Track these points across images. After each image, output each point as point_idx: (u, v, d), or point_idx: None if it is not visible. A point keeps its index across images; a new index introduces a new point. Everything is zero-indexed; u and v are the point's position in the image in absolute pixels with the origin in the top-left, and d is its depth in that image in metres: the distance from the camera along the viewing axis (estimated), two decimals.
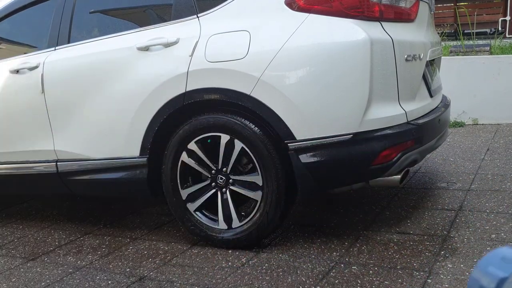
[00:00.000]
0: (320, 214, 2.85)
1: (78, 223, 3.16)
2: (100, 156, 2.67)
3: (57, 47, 2.83)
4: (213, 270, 2.26)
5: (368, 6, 2.17)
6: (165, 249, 2.58)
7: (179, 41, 2.39)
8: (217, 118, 2.35)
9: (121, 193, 2.77)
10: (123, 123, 2.54)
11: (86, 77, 2.64)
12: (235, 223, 2.43)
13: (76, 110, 2.69)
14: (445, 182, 3.19)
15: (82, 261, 2.53)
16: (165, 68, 2.40)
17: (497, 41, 6.02)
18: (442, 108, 2.69)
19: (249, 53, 2.21)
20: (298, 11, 2.20)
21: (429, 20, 2.76)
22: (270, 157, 2.26)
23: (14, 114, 2.94)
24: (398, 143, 2.20)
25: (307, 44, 2.15)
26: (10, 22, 3.17)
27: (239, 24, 2.28)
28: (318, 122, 2.17)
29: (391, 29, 2.23)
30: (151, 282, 2.21)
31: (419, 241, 2.35)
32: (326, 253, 2.32)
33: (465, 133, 4.58)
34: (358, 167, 2.21)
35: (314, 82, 2.15)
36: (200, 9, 2.41)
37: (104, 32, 2.71)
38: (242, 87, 2.23)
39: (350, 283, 2.01)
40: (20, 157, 2.99)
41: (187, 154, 2.46)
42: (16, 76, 2.91)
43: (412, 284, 1.95)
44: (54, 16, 2.88)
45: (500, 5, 11.55)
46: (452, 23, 10.38)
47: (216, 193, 2.46)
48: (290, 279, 2.10)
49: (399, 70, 2.22)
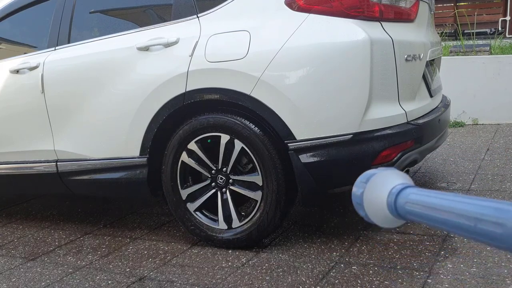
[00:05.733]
0: (320, 214, 2.85)
1: (78, 223, 3.16)
2: (100, 156, 2.67)
3: (57, 47, 2.83)
4: (213, 270, 2.26)
5: (368, 6, 2.17)
6: (165, 249, 2.58)
7: (179, 41, 2.39)
8: (217, 118, 2.35)
9: (121, 193, 2.77)
10: (123, 123, 2.54)
11: (86, 77, 2.64)
12: (235, 223, 2.43)
13: (76, 110, 2.69)
14: (445, 182, 3.19)
15: (82, 261, 2.53)
16: (165, 68, 2.40)
17: (497, 41, 6.02)
18: (442, 108, 2.69)
19: (249, 53, 2.21)
20: (298, 11, 2.20)
21: (429, 20, 2.76)
22: (270, 157, 2.26)
23: (14, 114, 2.94)
24: (398, 143, 2.20)
25: (307, 44, 2.15)
26: (10, 22, 3.17)
27: (239, 24, 2.28)
28: (318, 122, 2.17)
29: (391, 29, 2.23)
30: (151, 282, 2.21)
31: (419, 241, 2.35)
32: (326, 253, 2.32)
33: (465, 133, 4.58)
34: (358, 167, 2.21)
35: (314, 82, 2.15)
36: (200, 9, 2.41)
37: (104, 32, 2.71)
38: (242, 87, 2.23)
39: (350, 283, 2.01)
40: (20, 157, 2.99)
41: (187, 154, 2.46)
42: (16, 76, 2.91)
43: (412, 284, 1.95)
44: (54, 16, 2.88)
45: (500, 5, 11.55)
46: (452, 23, 10.38)
47: (216, 193, 2.46)
48: (290, 279, 2.10)
49: (399, 70, 2.22)
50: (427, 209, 0.38)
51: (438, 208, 0.37)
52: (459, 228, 0.34)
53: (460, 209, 0.34)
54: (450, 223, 0.35)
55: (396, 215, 0.43)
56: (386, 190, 0.44)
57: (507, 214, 0.30)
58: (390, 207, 0.44)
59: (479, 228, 0.32)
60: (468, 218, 0.33)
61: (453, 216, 0.34)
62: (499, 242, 0.30)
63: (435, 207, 0.37)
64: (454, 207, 0.35)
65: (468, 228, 0.33)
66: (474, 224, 0.32)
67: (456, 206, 0.34)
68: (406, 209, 0.41)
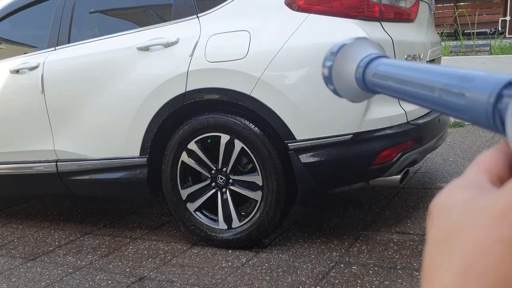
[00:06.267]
0: (320, 214, 2.85)
1: (78, 223, 3.16)
2: (100, 156, 2.67)
3: (57, 47, 2.82)
4: (213, 270, 2.26)
5: (368, 6, 2.17)
6: (165, 249, 2.58)
7: (179, 41, 2.39)
8: (217, 118, 2.35)
9: (121, 193, 2.77)
10: (123, 123, 2.54)
11: (86, 77, 2.64)
12: (235, 223, 2.43)
13: (76, 110, 2.69)
14: (445, 182, 3.19)
15: (82, 261, 2.53)
16: (165, 68, 2.40)
17: (497, 41, 6.02)
18: None
19: (249, 53, 2.21)
20: (298, 11, 2.20)
21: (429, 20, 2.76)
22: (270, 157, 2.26)
23: (14, 114, 2.94)
24: (398, 143, 2.20)
25: (307, 44, 2.15)
26: (10, 22, 3.17)
27: (239, 24, 2.28)
28: (318, 122, 2.17)
29: (391, 29, 2.23)
30: (151, 282, 2.20)
31: (419, 241, 2.35)
32: (326, 253, 2.32)
33: (465, 133, 4.58)
34: (358, 167, 2.21)
35: (314, 82, 2.15)
36: (200, 9, 2.41)
37: (104, 32, 2.71)
38: (242, 87, 2.23)
39: (350, 283, 2.01)
40: (20, 157, 2.98)
41: (187, 154, 2.46)
42: (16, 76, 2.91)
43: (412, 284, 1.95)
44: (54, 16, 2.88)
45: (500, 5, 11.55)
46: (452, 23, 10.38)
47: (216, 193, 2.46)
48: (290, 279, 2.10)
49: None
50: (394, 81, 0.36)
51: (405, 80, 0.34)
52: (426, 101, 0.32)
53: (427, 79, 0.32)
54: (417, 95, 0.33)
55: (364, 88, 0.41)
56: (355, 61, 0.42)
57: (470, 83, 0.27)
58: (358, 80, 0.42)
59: (444, 100, 0.30)
60: (433, 89, 0.31)
61: (420, 87, 0.32)
62: (462, 113, 0.28)
63: (402, 79, 0.35)
64: (421, 77, 0.32)
65: (433, 100, 0.31)
66: (439, 96, 0.30)
67: (423, 77, 0.32)
68: (373, 81, 0.39)
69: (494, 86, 0.25)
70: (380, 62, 0.40)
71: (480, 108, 0.26)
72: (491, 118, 0.26)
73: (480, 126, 0.28)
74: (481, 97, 0.26)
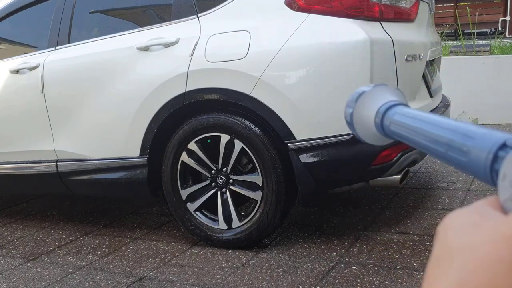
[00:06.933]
0: (320, 214, 2.85)
1: (78, 223, 3.16)
2: (100, 156, 2.67)
3: (57, 47, 2.82)
4: (213, 270, 2.26)
5: (368, 6, 2.17)
6: (165, 249, 2.58)
7: (179, 41, 2.39)
8: (217, 118, 2.35)
9: (121, 193, 2.77)
10: (123, 123, 2.54)
11: (86, 77, 2.64)
12: (235, 223, 2.43)
13: (76, 110, 2.69)
14: (445, 182, 3.19)
15: (82, 261, 2.53)
16: (165, 68, 2.40)
17: (497, 41, 6.02)
18: (442, 108, 2.69)
19: (249, 53, 2.21)
20: (298, 11, 2.20)
21: (429, 20, 2.76)
22: (270, 157, 2.26)
23: (14, 114, 2.94)
24: (398, 143, 2.20)
25: (307, 44, 2.15)
26: (10, 22, 3.17)
27: (239, 24, 2.28)
28: (318, 122, 2.17)
29: (391, 29, 2.23)
30: (151, 282, 2.20)
31: (419, 241, 2.35)
32: (326, 253, 2.32)
33: None
34: (358, 167, 2.21)
35: (314, 82, 2.15)
36: (200, 9, 2.41)
37: (104, 32, 2.71)
38: (242, 87, 2.23)
39: (350, 283, 2.01)
40: (20, 157, 2.98)
41: (187, 154, 2.46)
42: (16, 76, 2.91)
43: (412, 284, 1.95)
44: (54, 16, 2.88)
45: (500, 5, 11.55)
46: (452, 23, 10.37)
47: (216, 193, 2.46)
48: (290, 279, 2.10)
49: (399, 70, 2.22)
50: (408, 132, 0.39)
51: (417, 132, 0.37)
52: (435, 153, 0.34)
53: (435, 134, 0.34)
54: (428, 148, 0.35)
55: (383, 134, 0.43)
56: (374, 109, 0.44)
57: (472, 142, 0.29)
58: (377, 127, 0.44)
59: (449, 155, 0.32)
60: (441, 144, 0.33)
61: (430, 140, 0.34)
62: (466, 170, 0.30)
63: (415, 130, 0.37)
64: (431, 131, 0.35)
65: (441, 154, 0.33)
66: (445, 150, 0.32)
67: (432, 131, 0.34)
68: (391, 129, 0.42)
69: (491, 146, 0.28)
70: (396, 111, 0.42)
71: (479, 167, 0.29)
72: (489, 177, 0.28)
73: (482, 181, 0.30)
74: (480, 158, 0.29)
